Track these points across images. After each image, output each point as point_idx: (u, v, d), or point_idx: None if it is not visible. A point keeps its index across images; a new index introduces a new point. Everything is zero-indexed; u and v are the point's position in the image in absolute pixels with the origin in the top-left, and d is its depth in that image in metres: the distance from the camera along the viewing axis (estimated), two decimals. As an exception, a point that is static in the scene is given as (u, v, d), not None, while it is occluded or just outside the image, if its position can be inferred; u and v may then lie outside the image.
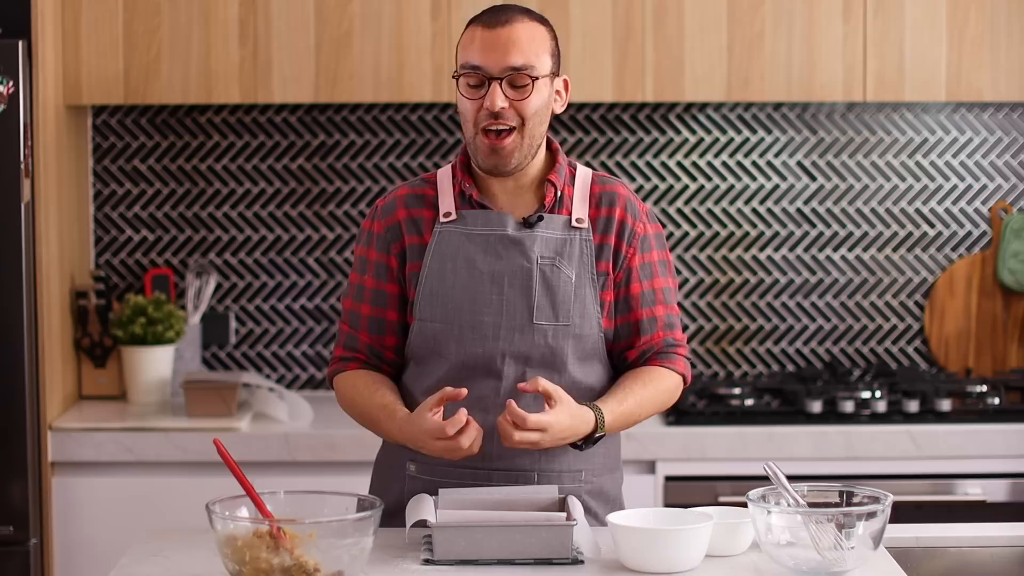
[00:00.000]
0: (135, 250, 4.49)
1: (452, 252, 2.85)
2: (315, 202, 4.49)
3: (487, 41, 2.78)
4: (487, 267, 2.84)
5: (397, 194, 2.93)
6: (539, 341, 2.83)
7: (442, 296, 2.84)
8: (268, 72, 4.13)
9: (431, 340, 2.86)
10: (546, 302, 2.83)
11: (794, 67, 4.16)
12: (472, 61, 2.78)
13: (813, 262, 4.52)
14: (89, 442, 3.95)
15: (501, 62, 2.77)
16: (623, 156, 4.50)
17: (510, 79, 2.77)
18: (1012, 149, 4.51)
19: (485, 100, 2.78)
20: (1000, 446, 4.01)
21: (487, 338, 2.83)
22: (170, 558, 2.66)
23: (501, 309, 2.83)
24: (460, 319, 2.84)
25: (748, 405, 4.13)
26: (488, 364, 2.83)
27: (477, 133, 2.81)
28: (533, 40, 2.79)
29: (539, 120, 2.82)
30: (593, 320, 2.86)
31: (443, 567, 2.60)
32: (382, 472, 2.99)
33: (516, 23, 2.79)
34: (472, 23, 2.84)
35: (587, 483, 2.90)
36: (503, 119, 2.78)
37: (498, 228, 2.85)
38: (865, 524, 2.52)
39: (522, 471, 2.85)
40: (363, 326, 2.92)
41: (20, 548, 3.81)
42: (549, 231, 2.86)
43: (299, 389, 4.51)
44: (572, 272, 2.84)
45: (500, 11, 2.82)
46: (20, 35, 3.85)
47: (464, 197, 2.88)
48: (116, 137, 4.47)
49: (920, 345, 4.54)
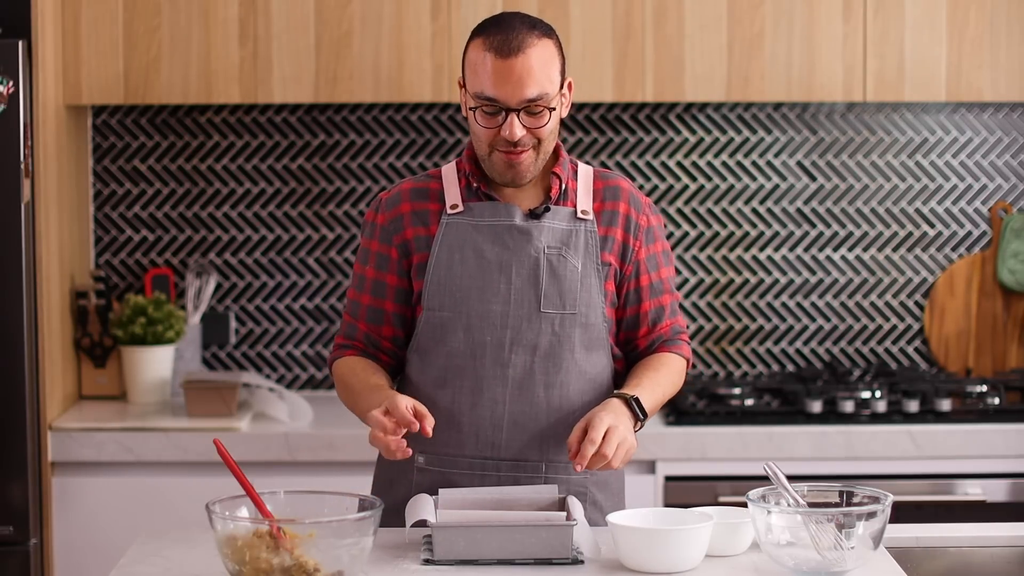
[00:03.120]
0: (135, 250, 4.49)
1: (460, 242, 2.88)
2: (315, 202, 4.49)
3: (501, 73, 2.77)
4: (495, 256, 2.87)
5: (402, 187, 2.96)
6: (546, 329, 2.87)
7: (450, 285, 2.87)
8: (268, 72, 4.13)
9: (439, 329, 2.88)
10: (553, 291, 2.87)
11: (794, 67, 4.16)
12: (487, 93, 2.78)
13: (813, 262, 4.52)
14: (89, 442, 3.95)
15: (517, 95, 2.77)
16: (623, 156, 4.50)
17: (527, 109, 2.79)
18: (1012, 149, 4.51)
19: (503, 130, 2.79)
20: (1000, 446, 4.01)
21: (495, 327, 2.86)
22: (170, 558, 2.66)
23: (509, 298, 2.86)
24: (468, 308, 2.87)
25: (748, 405, 4.13)
26: (496, 353, 2.86)
27: (493, 151, 2.83)
28: (545, 65, 2.79)
29: (553, 136, 2.86)
30: (598, 309, 2.90)
31: (443, 567, 2.60)
32: (387, 466, 2.99)
33: (528, 50, 2.77)
34: (481, 43, 2.80)
35: (592, 474, 2.91)
36: (521, 144, 2.81)
37: (505, 219, 2.88)
38: (865, 524, 2.52)
39: (530, 461, 2.88)
40: (362, 315, 2.96)
41: (20, 548, 3.81)
42: (555, 222, 2.89)
43: (299, 389, 4.51)
44: (578, 262, 2.88)
45: (509, 32, 2.78)
46: (20, 35, 3.85)
47: (471, 189, 2.91)
48: (116, 137, 4.47)
49: (920, 345, 4.54)
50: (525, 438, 2.87)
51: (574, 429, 2.74)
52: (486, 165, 2.87)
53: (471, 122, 2.84)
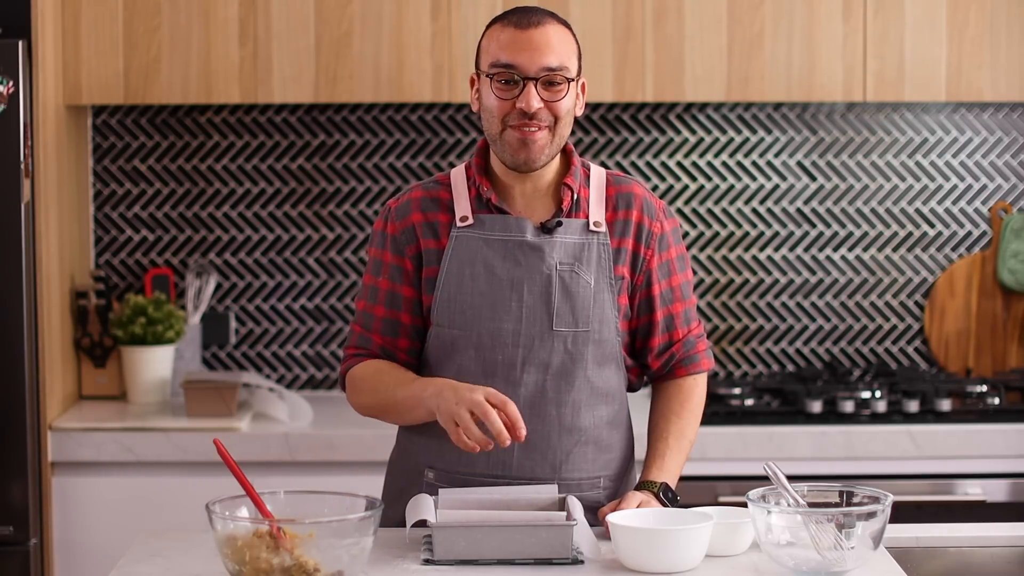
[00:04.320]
0: (135, 250, 4.49)
1: (470, 257, 2.83)
2: (315, 202, 4.49)
3: (520, 41, 2.74)
4: (506, 274, 2.82)
5: (412, 196, 2.89)
6: (559, 347, 2.82)
7: (460, 302, 2.82)
8: (268, 72, 4.13)
9: (448, 346, 2.84)
10: (566, 308, 2.82)
11: (794, 67, 4.16)
12: (504, 60, 2.74)
13: (813, 262, 4.52)
14: (89, 442, 3.95)
15: (537, 62, 2.74)
16: (623, 156, 4.50)
17: (545, 79, 2.75)
18: (1012, 149, 4.51)
19: (519, 101, 2.74)
20: (1000, 446, 4.01)
21: (507, 345, 2.81)
22: (170, 558, 2.66)
23: (521, 316, 2.81)
24: (479, 326, 2.81)
25: (748, 405, 4.13)
26: (507, 372, 2.82)
27: (505, 128, 2.77)
28: (563, 42, 2.77)
29: (568, 120, 2.80)
30: (611, 325, 2.85)
31: (443, 567, 2.60)
32: (397, 476, 2.97)
33: (547, 24, 2.76)
34: (498, 22, 2.79)
35: (606, 488, 2.90)
36: (537, 119, 2.76)
37: (516, 234, 2.82)
38: (865, 524, 2.52)
39: (542, 481, 2.83)
40: (376, 328, 2.89)
41: (20, 548, 3.81)
42: (567, 236, 2.83)
43: (299, 389, 4.51)
44: (591, 277, 2.83)
45: (529, 12, 2.78)
46: (20, 35, 3.85)
47: (481, 200, 2.85)
48: (116, 137, 4.47)
49: (920, 345, 4.54)
50: (537, 457, 2.83)
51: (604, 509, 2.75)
52: (497, 148, 2.80)
53: (485, 97, 2.79)
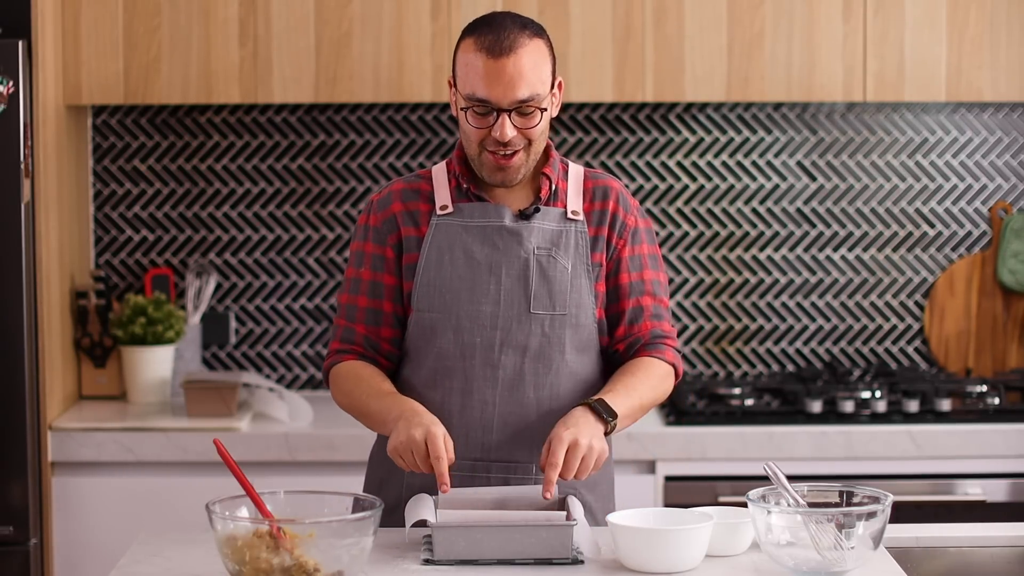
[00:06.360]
0: (135, 250, 4.49)
1: (449, 243, 2.87)
2: (315, 202, 4.49)
3: (492, 74, 2.76)
4: (484, 257, 2.87)
5: (392, 188, 2.95)
6: (536, 330, 2.85)
7: (439, 286, 2.86)
8: (268, 72, 4.13)
9: (428, 330, 2.87)
10: (543, 291, 2.86)
11: (794, 67, 4.16)
12: (478, 94, 2.77)
13: (813, 262, 4.52)
14: (89, 442, 3.95)
15: (509, 96, 2.77)
16: (623, 156, 4.50)
17: (518, 110, 2.78)
18: (1012, 149, 4.51)
19: (493, 130, 2.79)
20: (1000, 446, 4.01)
21: (485, 327, 2.85)
22: (170, 558, 2.66)
23: (499, 298, 2.86)
24: (458, 309, 2.86)
25: (748, 405, 4.13)
26: (485, 354, 2.85)
27: (483, 152, 2.83)
28: (536, 66, 2.78)
29: (543, 138, 2.85)
30: (589, 310, 2.89)
31: (443, 567, 2.60)
32: (376, 468, 2.99)
33: (520, 50, 2.76)
34: (472, 43, 2.79)
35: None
36: (512, 145, 2.80)
37: (495, 219, 2.88)
38: (865, 524, 2.52)
39: (520, 462, 2.86)
40: (360, 318, 2.93)
41: (20, 548, 3.81)
42: (545, 223, 2.88)
43: (299, 389, 4.51)
44: (568, 263, 2.87)
45: (500, 32, 2.77)
46: (20, 35, 3.85)
47: (461, 190, 2.91)
48: (116, 137, 4.47)
49: (920, 345, 4.54)
50: (515, 439, 2.86)
51: (542, 451, 2.72)
52: (476, 165, 2.86)
53: (462, 122, 2.84)
